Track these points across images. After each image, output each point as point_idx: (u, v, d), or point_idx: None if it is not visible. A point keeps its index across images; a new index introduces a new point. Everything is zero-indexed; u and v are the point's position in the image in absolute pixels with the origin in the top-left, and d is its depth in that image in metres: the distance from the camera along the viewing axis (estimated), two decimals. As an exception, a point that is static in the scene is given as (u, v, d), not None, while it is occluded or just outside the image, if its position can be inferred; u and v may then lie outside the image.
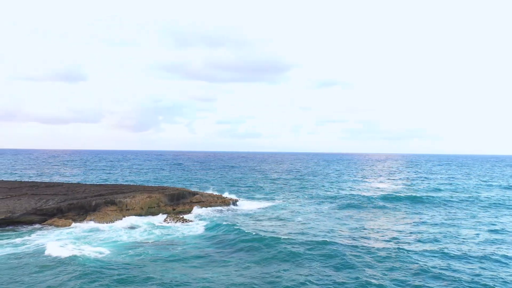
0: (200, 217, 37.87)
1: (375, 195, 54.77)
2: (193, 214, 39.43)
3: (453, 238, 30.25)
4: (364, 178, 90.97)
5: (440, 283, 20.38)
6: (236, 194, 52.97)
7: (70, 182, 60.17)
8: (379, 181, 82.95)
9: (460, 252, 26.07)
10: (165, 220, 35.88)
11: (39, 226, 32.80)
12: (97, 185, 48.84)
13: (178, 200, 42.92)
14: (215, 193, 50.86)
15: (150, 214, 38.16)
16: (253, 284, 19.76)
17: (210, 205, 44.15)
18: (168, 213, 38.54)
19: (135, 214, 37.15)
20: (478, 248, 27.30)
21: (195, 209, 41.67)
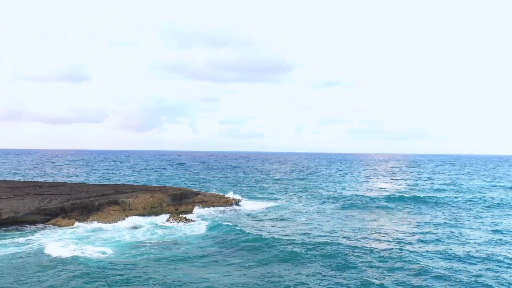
0: (203, 217, 37.91)
1: (378, 195, 54.67)
2: (196, 214, 39.49)
3: (456, 239, 30.16)
4: (367, 178, 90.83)
5: (443, 284, 20.33)
6: (239, 194, 52.96)
7: (73, 182, 60.40)
8: (382, 181, 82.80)
9: (463, 253, 25.99)
10: (168, 220, 35.95)
11: (43, 226, 32.94)
12: (100, 185, 48.99)
13: (181, 200, 43.00)
14: (218, 193, 50.93)
15: (153, 214, 38.25)
16: (255, 284, 19.77)
17: (213, 205, 44.21)
18: (171, 213, 38.61)
19: (138, 214, 37.27)
20: (481, 249, 27.21)
21: (198, 209, 41.77)
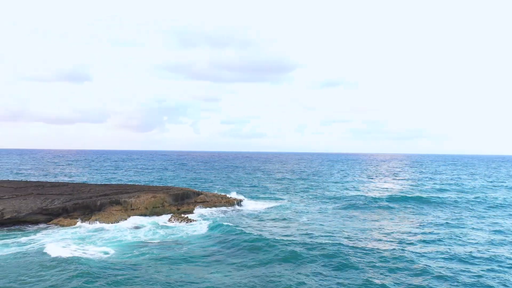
0: (204, 217, 37.91)
1: (380, 196, 54.60)
2: (197, 214, 39.49)
3: (458, 239, 30.08)
4: (369, 178, 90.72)
5: (445, 285, 20.28)
6: (241, 194, 52.95)
7: (75, 182, 60.54)
8: (384, 182, 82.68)
9: (465, 254, 25.93)
10: (170, 220, 35.98)
11: (45, 226, 33.01)
12: (102, 185, 49.07)
13: (183, 200, 43.03)
14: (220, 193, 50.95)
15: (155, 214, 38.28)
16: (257, 285, 19.76)
17: (215, 205, 44.22)
18: (173, 213, 38.64)
19: (140, 214, 37.30)
20: (484, 250, 27.14)
21: (200, 209, 41.78)
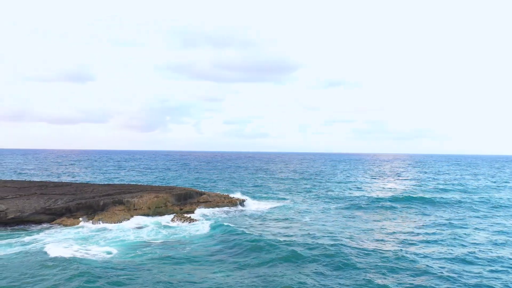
0: (207, 217, 37.94)
1: (383, 196, 54.49)
2: (200, 214, 39.50)
3: (461, 240, 29.95)
4: (372, 179, 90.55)
5: (447, 286, 20.19)
6: (243, 194, 52.96)
7: (79, 182, 60.68)
8: (387, 182, 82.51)
9: (468, 254, 25.81)
10: (172, 220, 36.01)
11: (48, 226, 33.12)
12: (105, 185, 49.15)
13: (185, 200, 43.06)
14: (222, 193, 50.93)
15: (158, 214, 38.33)
16: (259, 285, 19.73)
17: (217, 205, 44.22)
18: (176, 213, 38.65)
19: (143, 214, 37.36)
20: (487, 251, 27.02)
21: (202, 209, 41.79)
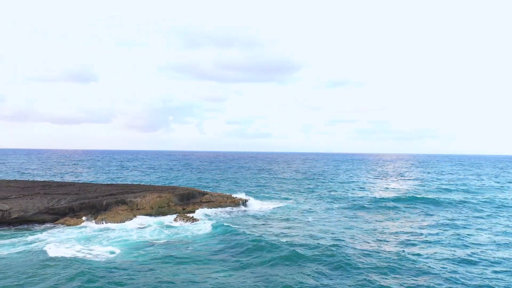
0: (210, 217, 37.99)
1: (386, 196, 54.38)
2: (203, 214, 39.56)
3: (464, 241, 29.85)
4: (375, 179, 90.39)
5: (449, 287, 20.13)
6: (246, 194, 52.96)
7: (82, 182, 60.90)
8: (390, 182, 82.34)
9: (471, 256, 25.72)
10: (175, 220, 36.07)
11: (51, 225, 33.25)
12: (108, 185, 49.28)
13: (188, 200, 43.12)
14: (225, 193, 50.97)
15: (160, 214, 38.40)
16: (260, 285, 19.74)
17: (220, 205, 44.26)
18: (178, 213, 38.72)
19: (146, 214, 37.45)
20: (490, 252, 26.91)
21: (205, 209, 41.84)
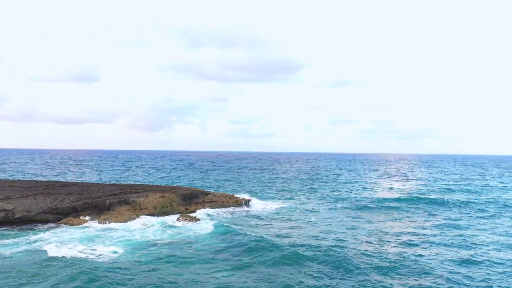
0: (212, 217, 38.03)
1: (388, 196, 54.28)
2: (205, 214, 39.61)
3: (467, 242, 29.77)
4: (377, 179, 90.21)
5: (452, 287, 20.07)
6: (249, 194, 52.99)
7: (85, 182, 61.04)
8: (393, 182, 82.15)
9: (474, 257, 25.64)
10: (178, 220, 36.12)
11: (55, 225, 33.36)
12: (111, 185, 49.38)
13: (191, 200, 43.17)
14: (228, 193, 50.99)
15: (163, 214, 38.46)
16: (262, 285, 19.75)
17: (223, 205, 44.29)
18: (181, 213, 38.78)
19: (148, 214, 37.52)
20: (493, 252, 26.83)
21: (208, 209, 41.89)
